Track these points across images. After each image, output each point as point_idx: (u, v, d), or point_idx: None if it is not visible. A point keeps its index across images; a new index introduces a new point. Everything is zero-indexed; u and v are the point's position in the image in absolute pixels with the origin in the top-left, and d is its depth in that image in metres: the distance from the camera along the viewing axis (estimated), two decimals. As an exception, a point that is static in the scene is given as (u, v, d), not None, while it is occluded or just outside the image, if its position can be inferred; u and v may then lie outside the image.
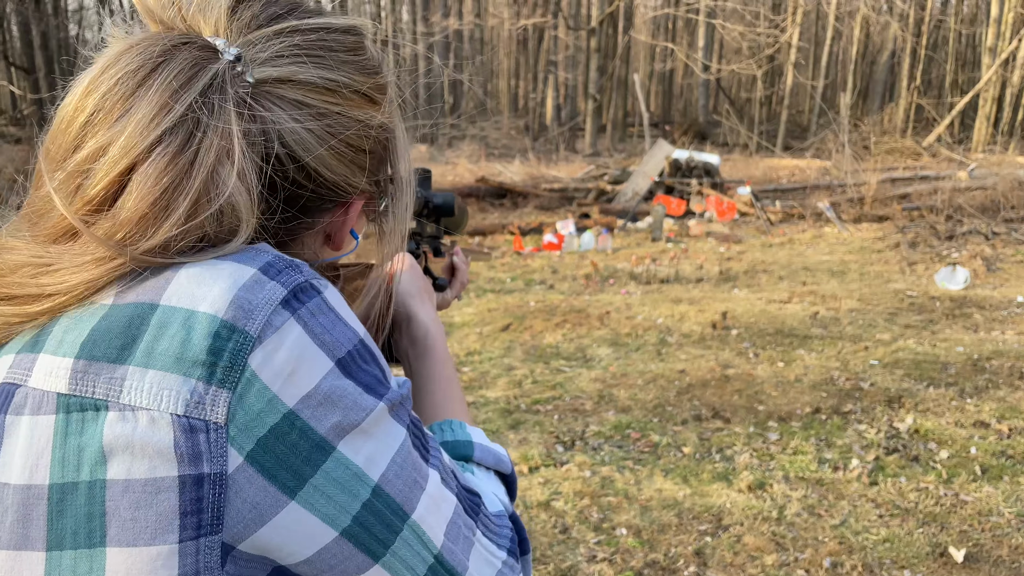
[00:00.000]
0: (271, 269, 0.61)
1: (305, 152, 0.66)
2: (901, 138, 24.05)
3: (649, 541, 3.25)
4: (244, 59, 0.65)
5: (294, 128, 0.65)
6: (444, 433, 0.85)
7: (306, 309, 0.60)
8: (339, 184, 0.70)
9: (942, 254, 9.50)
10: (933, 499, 3.64)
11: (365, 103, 0.71)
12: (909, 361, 5.48)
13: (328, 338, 0.61)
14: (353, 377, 0.62)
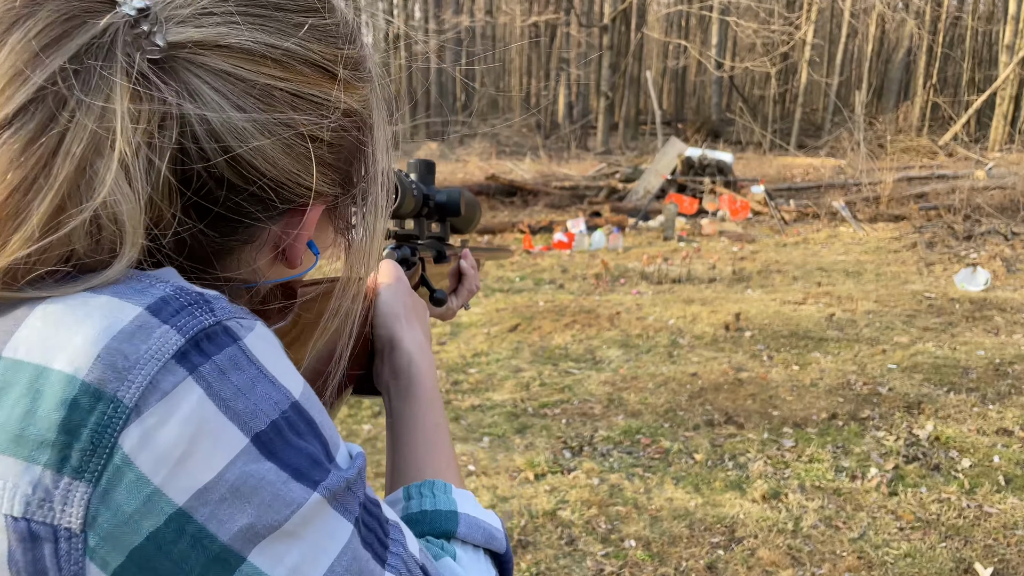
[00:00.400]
0: (165, 308, 0.46)
1: (238, 142, 0.52)
2: (917, 137, 23.79)
3: (659, 554, 3.12)
4: (154, 15, 0.50)
5: (222, 110, 0.51)
6: (422, 499, 0.69)
7: (212, 365, 0.46)
8: (288, 185, 0.56)
9: (960, 255, 9.31)
10: (955, 511, 3.49)
11: (324, 80, 0.57)
12: (928, 365, 5.32)
13: (243, 405, 0.46)
14: (277, 458, 0.47)
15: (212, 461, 0.44)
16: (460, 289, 1.26)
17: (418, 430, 0.77)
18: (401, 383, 0.80)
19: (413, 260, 1.03)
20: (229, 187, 0.53)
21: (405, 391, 0.80)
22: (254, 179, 0.54)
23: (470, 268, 1.26)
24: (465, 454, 4.03)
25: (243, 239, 0.57)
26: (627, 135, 29.00)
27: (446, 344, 5.89)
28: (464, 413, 4.61)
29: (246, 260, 0.59)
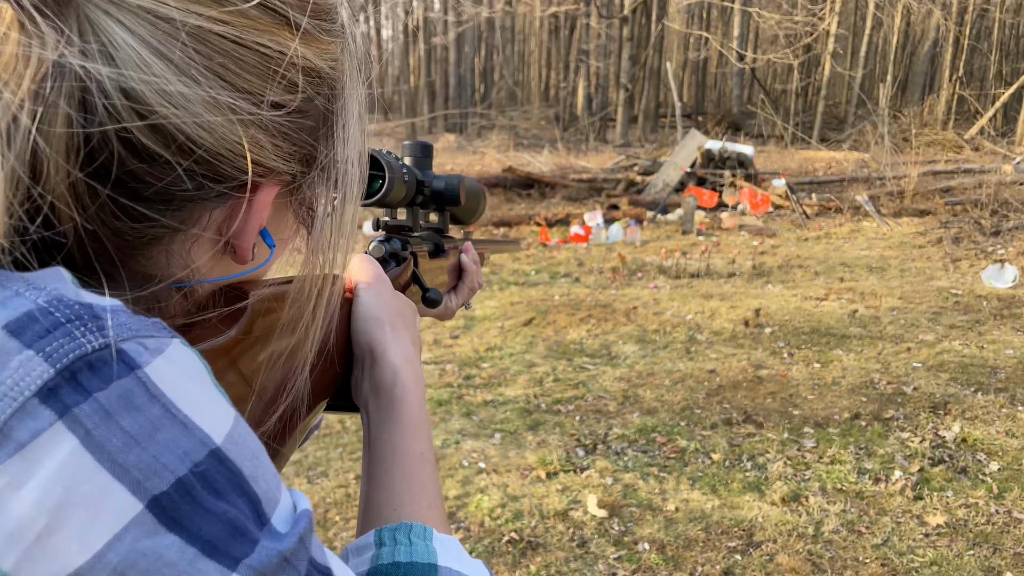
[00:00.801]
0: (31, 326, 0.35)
1: (160, 101, 0.40)
2: (942, 130, 23.37)
3: (674, 558, 3.02)
4: None
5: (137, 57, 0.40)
6: (396, 547, 0.57)
7: (94, 404, 0.35)
8: (229, 159, 0.45)
9: (987, 250, 9.08)
10: (984, 516, 3.36)
11: (279, 28, 0.46)
12: (955, 364, 5.16)
13: (136, 458, 0.35)
14: (183, 528, 0.36)
15: (88, 537, 0.33)
16: (460, 286, 1.14)
17: (398, 460, 0.65)
18: (382, 402, 0.68)
19: (404, 254, 0.92)
20: (149, 159, 0.42)
21: (387, 412, 0.68)
22: (183, 150, 0.43)
23: (471, 263, 1.14)
24: (476, 451, 3.94)
25: (171, 226, 0.46)
26: (646, 128, 28.76)
27: (459, 338, 5.81)
28: (476, 409, 4.52)
29: (176, 254, 0.48)
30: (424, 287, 0.95)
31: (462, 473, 3.69)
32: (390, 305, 0.74)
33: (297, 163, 0.51)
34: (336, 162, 0.54)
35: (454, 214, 1.13)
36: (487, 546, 3.06)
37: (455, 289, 1.15)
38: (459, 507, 3.37)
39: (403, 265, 0.90)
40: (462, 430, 4.21)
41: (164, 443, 0.36)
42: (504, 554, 3.01)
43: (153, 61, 0.40)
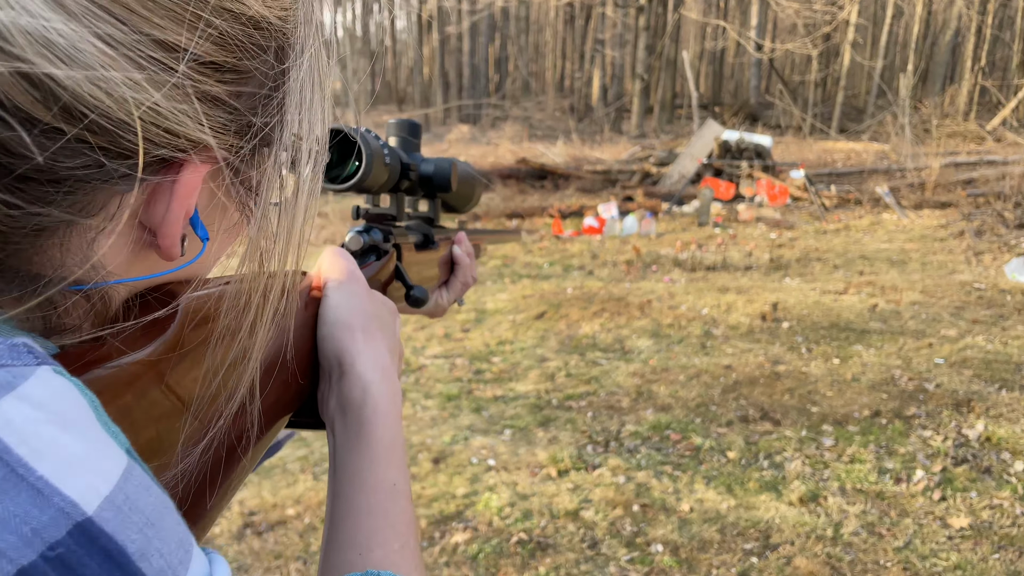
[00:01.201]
0: None
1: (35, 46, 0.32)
2: (964, 121, 23.01)
3: (688, 560, 2.93)
4: None
5: None
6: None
7: None
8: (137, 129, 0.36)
9: (1011, 244, 8.89)
10: (1009, 518, 3.25)
11: None
12: (978, 360, 5.03)
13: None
14: None
15: None
16: (452, 281, 1.04)
17: (367, 492, 0.55)
18: (350, 422, 0.58)
19: (385, 246, 0.83)
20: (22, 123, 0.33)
21: (355, 434, 0.58)
22: (70, 114, 0.34)
23: (465, 256, 1.04)
24: (485, 447, 3.87)
25: (69, 214, 0.37)
26: (662, 118, 28.52)
27: (470, 331, 5.73)
28: (486, 404, 4.44)
29: (75, 248, 0.39)
30: (408, 284, 0.85)
31: (470, 470, 3.61)
32: (363, 307, 0.64)
33: (234, 136, 0.43)
34: (287, 136, 0.46)
35: (446, 201, 1.03)
36: (495, 546, 2.98)
37: (446, 284, 1.05)
38: (467, 506, 3.29)
39: (384, 259, 0.81)
40: (471, 426, 4.14)
41: (6, 517, 0.28)
42: (512, 555, 2.93)
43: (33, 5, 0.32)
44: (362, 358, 0.61)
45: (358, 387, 0.59)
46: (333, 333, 0.61)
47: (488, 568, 2.86)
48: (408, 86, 40.69)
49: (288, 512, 3.21)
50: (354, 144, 0.74)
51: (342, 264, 0.66)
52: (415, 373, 4.88)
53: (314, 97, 0.47)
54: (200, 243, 0.46)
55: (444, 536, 3.06)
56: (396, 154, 0.83)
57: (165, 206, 0.41)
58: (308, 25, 0.46)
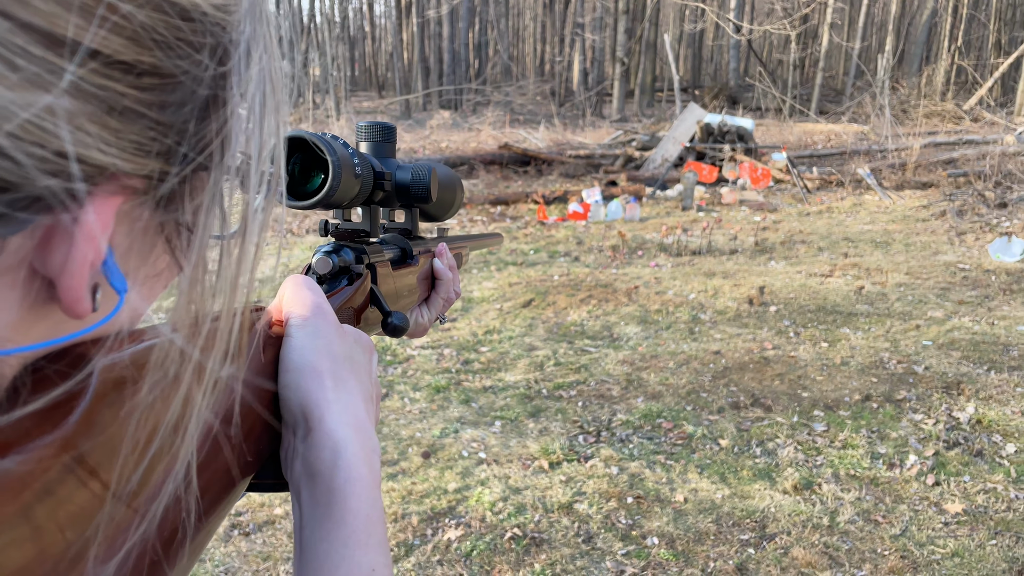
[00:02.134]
0: None
1: None
2: (941, 101, 23.14)
3: (684, 553, 2.89)
4: None
5: None
6: None
7: None
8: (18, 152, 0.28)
9: (992, 223, 8.93)
10: (1004, 503, 3.24)
11: None
12: (966, 342, 5.03)
13: None
14: None
15: None
16: (433, 297, 0.96)
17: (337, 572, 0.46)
18: (319, 493, 0.49)
19: (358, 268, 0.73)
20: None
21: (324, 506, 0.48)
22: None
23: (446, 269, 0.96)
24: (476, 440, 3.81)
25: None
26: (643, 102, 28.44)
27: (457, 321, 5.66)
28: (475, 395, 4.38)
29: None
30: (385, 309, 0.76)
31: (461, 464, 3.55)
32: (333, 348, 0.54)
33: (157, 158, 0.34)
34: (229, 157, 0.37)
35: (424, 210, 0.94)
36: (488, 543, 2.93)
37: (427, 301, 0.96)
38: (459, 501, 3.23)
39: (357, 283, 0.72)
40: (461, 418, 4.07)
41: None
42: (507, 551, 2.88)
43: None
44: (332, 412, 0.51)
45: (328, 448, 0.49)
46: (298, 381, 0.51)
47: (482, 566, 2.81)
48: (388, 72, 40.29)
49: (276, 512, 3.14)
50: (318, 154, 0.65)
51: (306, 297, 0.56)
52: (402, 364, 4.80)
53: (266, 106, 0.38)
54: (116, 296, 0.36)
55: (436, 533, 3.00)
56: (368, 163, 0.74)
57: (65, 251, 0.32)
58: (256, 19, 0.37)
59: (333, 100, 21.47)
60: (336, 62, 28.45)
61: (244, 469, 0.47)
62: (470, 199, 10.65)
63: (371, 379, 0.59)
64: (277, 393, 0.52)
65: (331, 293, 0.68)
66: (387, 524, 3.19)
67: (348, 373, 0.54)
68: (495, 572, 2.77)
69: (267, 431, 0.51)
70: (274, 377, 0.52)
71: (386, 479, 3.41)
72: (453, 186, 0.96)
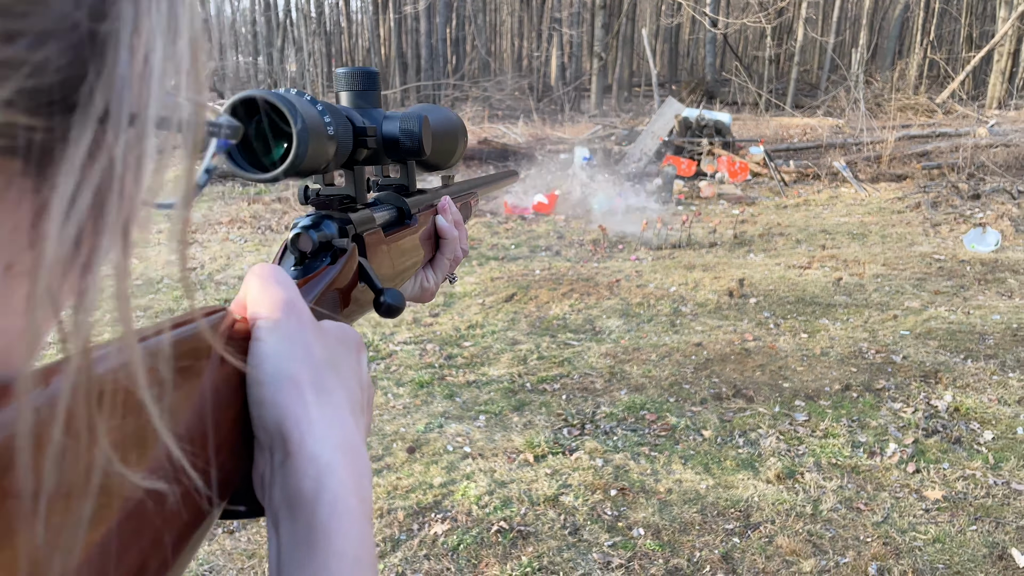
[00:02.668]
0: None
1: None
2: (914, 95, 23.40)
3: (670, 543, 2.91)
4: None
5: None
6: None
7: None
8: None
9: (966, 214, 9.06)
10: (982, 489, 3.29)
11: None
12: (943, 331, 5.10)
13: None
14: None
15: None
16: (438, 258, 0.87)
17: None
18: (300, 525, 0.41)
19: (342, 243, 0.62)
20: None
21: (306, 543, 0.40)
22: None
23: (451, 227, 0.85)
24: (460, 435, 3.81)
25: None
26: (621, 97, 28.51)
27: (439, 316, 5.65)
28: (459, 390, 4.38)
29: None
30: (377, 287, 0.65)
31: (447, 459, 3.55)
32: (311, 352, 0.45)
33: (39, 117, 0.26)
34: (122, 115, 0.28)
35: (422, 162, 0.82)
36: (475, 537, 2.93)
37: (432, 263, 0.87)
38: (445, 495, 3.23)
39: (342, 260, 0.61)
40: (445, 412, 4.07)
41: None
42: (494, 545, 2.88)
43: None
44: (314, 431, 0.42)
45: (310, 475, 0.41)
46: (272, 396, 0.42)
47: (469, 559, 2.81)
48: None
49: (260, 509, 3.12)
50: (283, 116, 0.55)
51: (276, 293, 0.46)
52: (385, 360, 4.79)
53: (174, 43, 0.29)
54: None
55: (423, 528, 3.00)
56: (345, 119, 0.63)
57: None
58: None
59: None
60: (313, 58, 28.25)
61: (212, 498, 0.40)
62: (450, 194, 10.62)
63: (360, 384, 0.50)
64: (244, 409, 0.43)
65: (311, 276, 0.59)
66: (373, 525, 3.19)
67: (332, 381, 0.46)
68: (482, 566, 2.77)
69: (234, 453, 0.43)
70: (239, 390, 0.43)
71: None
72: (454, 131, 0.85)
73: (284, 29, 30.73)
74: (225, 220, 8.94)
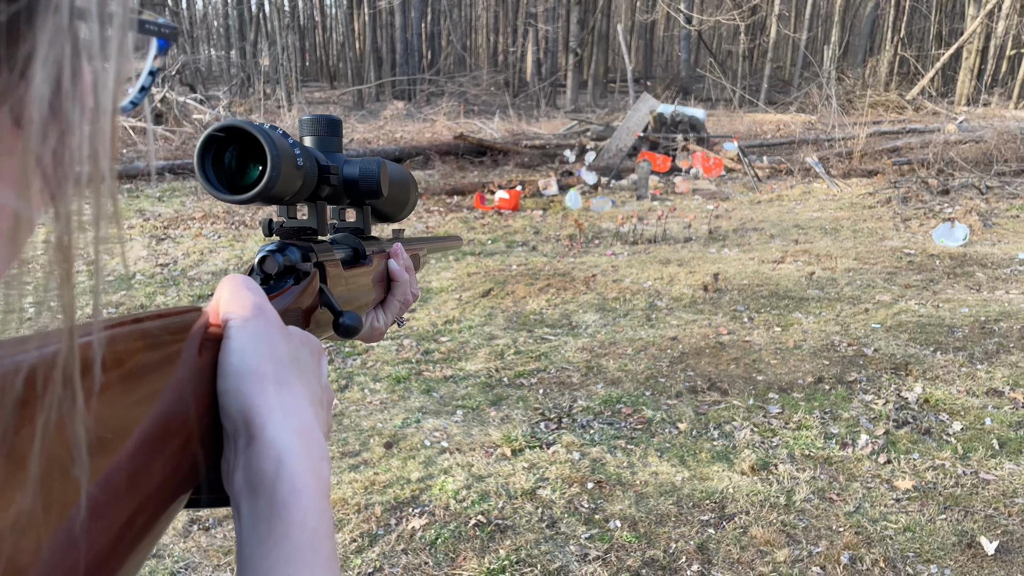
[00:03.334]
0: None
1: None
2: (885, 91, 23.70)
3: (646, 535, 2.93)
4: None
5: None
6: None
7: None
8: None
9: (935, 209, 9.20)
10: (952, 478, 3.35)
11: None
12: (913, 324, 5.18)
13: None
14: None
15: None
16: (389, 300, 0.90)
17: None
18: (260, 504, 0.44)
19: (305, 267, 0.67)
20: None
21: (266, 520, 0.43)
22: None
23: (402, 270, 0.90)
24: (438, 429, 3.81)
25: None
26: (596, 93, 28.58)
27: (416, 311, 5.63)
28: (436, 385, 4.37)
29: None
30: (336, 309, 0.70)
31: (424, 453, 3.55)
32: (276, 350, 0.49)
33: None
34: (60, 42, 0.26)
35: (376, 209, 0.89)
36: (453, 531, 2.94)
37: (383, 303, 0.90)
38: (422, 490, 3.23)
39: (304, 282, 0.67)
40: (422, 408, 4.07)
41: None
42: (471, 539, 2.89)
43: None
44: (275, 417, 0.46)
45: (270, 458, 0.45)
46: (238, 386, 0.46)
47: (447, 553, 2.81)
48: (339, 62, 39.76)
49: (236, 506, 3.10)
50: (255, 145, 0.61)
51: (246, 297, 0.51)
52: (361, 356, 4.77)
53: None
54: None
55: (400, 523, 2.99)
56: (311, 156, 0.69)
57: None
58: None
59: (284, 90, 21.15)
60: (286, 52, 27.99)
61: (181, 481, 0.42)
62: (426, 190, 10.60)
63: (320, 383, 0.55)
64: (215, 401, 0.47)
65: (276, 294, 0.63)
66: (351, 518, 3.18)
67: (294, 376, 0.49)
68: (460, 559, 2.78)
69: (204, 443, 0.46)
70: (211, 383, 0.47)
71: (348, 470, 3.39)
72: (406, 183, 0.92)
73: (257, 23, 30.41)
74: (198, 216, 8.85)
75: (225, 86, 24.75)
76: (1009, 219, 8.71)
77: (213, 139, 0.61)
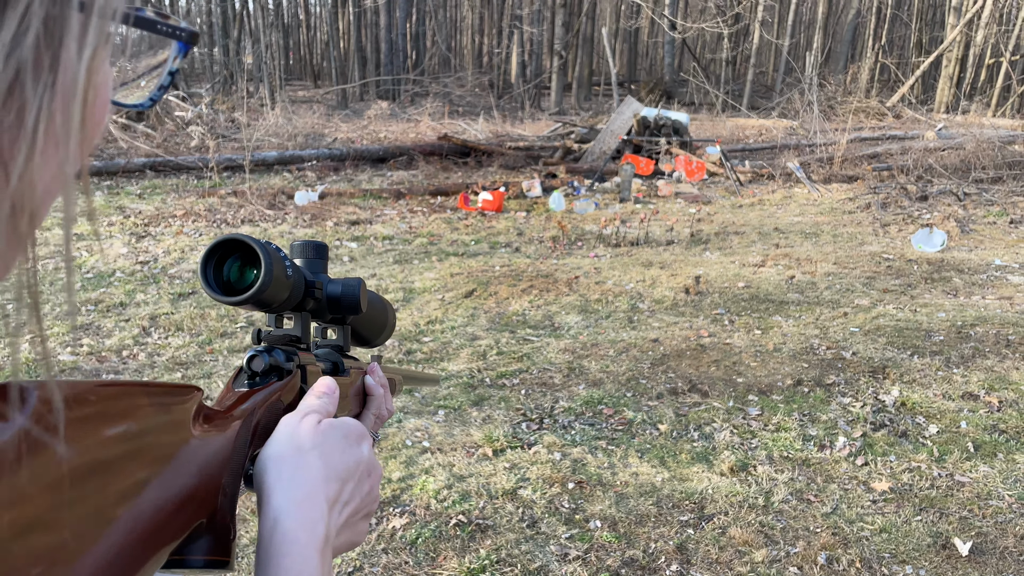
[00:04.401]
0: None
1: None
2: (866, 98, 23.95)
3: (626, 535, 2.95)
4: None
5: None
6: None
7: None
8: None
9: (914, 215, 9.31)
10: (927, 480, 3.40)
11: None
12: (891, 328, 5.24)
13: None
14: None
15: None
16: (365, 414, 0.92)
17: None
18: (260, 553, 0.53)
19: (289, 367, 0.73)
20: None
21: (262, 566, 0.53)
22: None
23: (378, 386, 0.92)
24: (419, 429, 3.80)
25: None
26: (580, 95, 28.66)
27: (398, 311, 5.63)
28: (417, 385, 4.37)
29: None
30: None
31: (405, 453, 3.55)
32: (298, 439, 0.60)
33: None
34: None
35: (356, 330, 0.95)
36: (434, 530, 2.94)
37: (359, 418, 0.94)
38: (403, 490, 3.23)
39: (287, 379, 0.72)
40: (404, 408, 4.06)
41: None
42: (452, 538, 2.89)
43: None
44: (278, 489, 0.55)
45: (268, 519, 0.54)
46: (262, 464, 0.58)
47: (428, 553, 2.81)
48: (323, 61, 39.62)
49: (215, 505, 3.08)
50: (252, 253, 0.68)
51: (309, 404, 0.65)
52: (343, 356, 4.76)
53: None
54: None
55: (381, 522, 2.99)
56: (299, 270, 0.77)
57: None
58: None
59: (267, 88, 21.04)
60: (270, 50, 27.84)
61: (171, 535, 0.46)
62: (410, 190, 10.58)
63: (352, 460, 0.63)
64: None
65: (258, 388, 0.69)
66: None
67: (314, 458, 0.59)
68: (441, 559, 2.78)
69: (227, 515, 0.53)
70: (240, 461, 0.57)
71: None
72: (383, 306, 0.99)
73: (241, 20, 30.23)
74: (179, 213, 8.78)
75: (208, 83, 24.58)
76: (986, 225, 8.83)
77: (214, 252, 0.68)
